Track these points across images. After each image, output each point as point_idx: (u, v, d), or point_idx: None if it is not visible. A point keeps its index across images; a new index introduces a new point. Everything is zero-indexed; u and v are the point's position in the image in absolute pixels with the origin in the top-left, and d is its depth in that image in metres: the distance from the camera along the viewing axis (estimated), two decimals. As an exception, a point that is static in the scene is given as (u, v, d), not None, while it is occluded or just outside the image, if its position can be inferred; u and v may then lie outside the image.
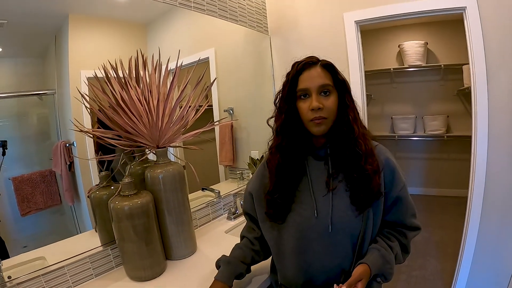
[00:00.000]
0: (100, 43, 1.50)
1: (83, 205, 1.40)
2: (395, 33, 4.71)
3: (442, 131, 4.56)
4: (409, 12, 2.17)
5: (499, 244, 2.18)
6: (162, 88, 1.40)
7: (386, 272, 1.02)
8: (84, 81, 1.34)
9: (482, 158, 2.12)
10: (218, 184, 2.29)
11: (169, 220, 1.42)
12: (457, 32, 4.19)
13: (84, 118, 1.37)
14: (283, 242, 1.10)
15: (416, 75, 4.75)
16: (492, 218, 2.16)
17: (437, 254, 3.17)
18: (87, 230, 1.43)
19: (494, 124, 2.05)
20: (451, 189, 4.76)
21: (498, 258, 2.20)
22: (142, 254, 1.27)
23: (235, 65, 2.43)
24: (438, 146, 4.85)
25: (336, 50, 2.38)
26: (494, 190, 2.13)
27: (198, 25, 2.03)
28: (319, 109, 0.97)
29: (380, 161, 1.02)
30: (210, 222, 1.98)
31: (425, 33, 4.55)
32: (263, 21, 2.60)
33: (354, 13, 2.32)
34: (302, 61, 1.04)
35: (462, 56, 4.10)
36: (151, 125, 1.34)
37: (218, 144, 2.32)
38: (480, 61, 2.02)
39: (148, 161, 1.54)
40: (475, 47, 2.02)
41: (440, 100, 4.68)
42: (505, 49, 1.96)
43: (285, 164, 1.08)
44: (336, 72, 1.02)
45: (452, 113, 4.62)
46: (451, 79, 4.51)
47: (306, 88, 1.00)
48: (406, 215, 1.08)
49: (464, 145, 4.34)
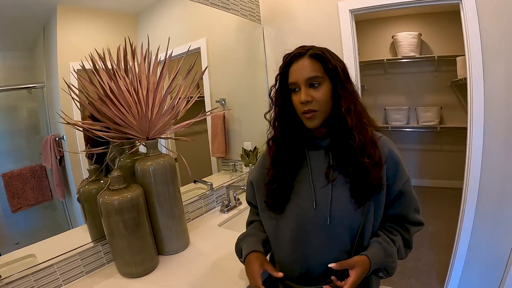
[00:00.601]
0: (90, 35, 1.45)
1: (75, 200, 1.36)
2: (389, 24, 4.68)
3: (435, 123, 4.56)
4: (405, 1, 2.14)
5: (494, 236, 2.19)
6: (151, 78, 1.35)
7: (388, 266, 1.00)
8: (73, 73, 1.29)
9: (478, 150, 2.12)
10: (210, 176, 2.26)
11: (160, 213, 1.38)
12: (451, 23, 4.23)
13: (73, 111, 1.32)
14: (280, 232, 1.09)
15: (409, 66, 4.74)
16: (487, 209, 2.17)
17: (432, 245, 3.18)
18: (79, 225, 1.39)
19: (490, 115, 2.05)
20: (445, 180, 4.79)
21: (493, 250, 2.22)
22: (133, 249, 1.24)
23: (227, 55, 2.39)
24: (431, 137, 4.86)
25: (330, 40, 2.34)
26: (489, 181, 2.13)
27: (189, 14, 1.99)
28: (308, 102, 0.96)
29: (383, 153, 0.99)
30: (203, 215, 1.95)
31: (418, 24, 4.53)
32: (255, 9, 2.54)
33: (348, 1, 2.27)
34: (291, 53, 1.02)
35: (455, 48, 4.13)
36: (141, 116, 1.29)
37: (210, 135, 2.28)
38: (476, 52, 2.00)
39: (138, 154, 1.49)
40: (471, 38, 2.00)
41: (434, 92, 4.68)
42: (502, 41, 1.95)
43: (280, 156, 1.08)
44: (327, 61, 0.97)
45: (445, 104, 4.62)
46: (445, 71, 4.50)
47: (294, 81, 0.99)
48: (409, 210, 1.06)
49: (457, 137, 4.44)
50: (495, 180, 2.12)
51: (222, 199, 2.05)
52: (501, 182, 2.11)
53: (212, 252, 1.45)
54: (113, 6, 1.57)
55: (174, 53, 1.43)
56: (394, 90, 4.93)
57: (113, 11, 1.57)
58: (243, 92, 2.56)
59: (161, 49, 1.39)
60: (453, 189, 4.50)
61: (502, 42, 1.94)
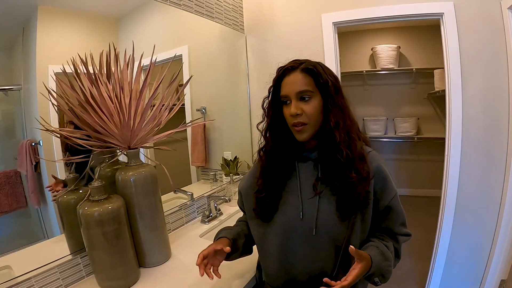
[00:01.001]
0: (70, 37, 1.40)
1: (50, 208, 1.30)
2: (368, 36, 4.80)
3: (413, 133, 4.70)
4: (388, 16, 2.22)
5: (472, 243, 2.26)
6: (134, 86, 1.32)
7: (384, 270, 1.00)
8: (52, 76, 1.24)
9: (456, 160, 2.19)
10: (190, 186, 2.22)
11: (141, 225, 1.34)
12: (429, 37, 4.40)
13: (51, 116, 1.27)
14: (267, 241, 1.10)
15: (388, 78, 4.87)
16: (465, 217, 2.24)
17: (410, 253, 3.22)
18: (54, 234, 1.32)
19: (468, 126, 2.13)
20: (422, 189, 4.91)
21: (471, 256, 2.29)
22: (114, 263, 1.19)
23: (208, 63, 2.37)
24: (409, 147, 4.98)
25: (313, 51, 2.38)
26: (467, 190, 2.21)
27: (171, 21, 1.96)
28: (297, 115, 0.98)
29: (372, 168, 1.01)
30: (184, 226, 1.91)
31: (397, 37, 4.67)
32: (239, 19, 2.55)
33: (332, 14, 2.33)
34: (284, 66, 1.04)
35: (433, 61, 4.32)
36: (123, 125, 1.25)
37: (190, 144, 2.25)
38: (456, 66, 2.09)
39: (119, 163, 1.45)
40: (451, 52, 2.09)
41: (411, 103, 4.83)
42: (480, 54, 2.04)
43: (270, 166, 1.10)
44: (319, 75, 0.99)
45: (422, 115, 4.78)
46: (422, 83, 4.67)
47: (286, 94, 1.01)
48: (396, 223, 1.08)
49: (434, 147, 4.58)
50: (473, 188, 2.19)
51: (203, 210, 2.02)
52: (478, 190, 2.19)
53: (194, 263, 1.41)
54: (95, 10, 1.53)
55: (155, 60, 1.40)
56: (372, 101, 5.03)
57: (95, 15, 1.53)
58: (224, 101, 2.55)
59: (143, 56, 1.37)
60: (430, 197, 4.65)
61: (480, 55, 2.03)
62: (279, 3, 2.48)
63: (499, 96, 2.06)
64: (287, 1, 2.46)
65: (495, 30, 2.00)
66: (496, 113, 2.09)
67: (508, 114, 2.06)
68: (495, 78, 2.05)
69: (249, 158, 2.69)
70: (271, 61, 2.49)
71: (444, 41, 2.13)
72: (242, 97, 2.66)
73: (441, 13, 2.09)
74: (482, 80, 2.07)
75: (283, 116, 1.04)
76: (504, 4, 1.95)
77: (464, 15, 2.05)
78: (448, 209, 2.25)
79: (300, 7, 2.42)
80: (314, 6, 2.37)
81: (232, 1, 2.46)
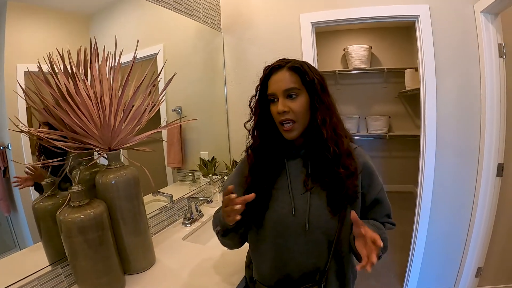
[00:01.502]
0: (40, 35, 1.30)
1: (21, 216, 1.20)
2: (341, 36, 4.88)
3: (384, 131, 4.82)
4: (366, 17, 2.29)
5: (448, 233, 2.37)
6: (114, 84, 1.25)
7: (382, 237, 0.97)
8: (21, 75, 1.15)
9: (431, 155, 2.28)
10: (166, 188, 2.14)
11: (125, 230, 1.27)
12: (400, 38, 4.57)
13: (19, 115, 1.16)
14: (259, 239, 1.11)
15: (360, 78, 4.97)
16: (441, 210, 2.35)
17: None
18: (27, 242, 1.22)
19: (442, 124, 2.23)
20: (395, 184, 5.05)
21: (449, 247, 2.40)
22: (98, 271, 1.12)
23: (184, 62, 2.30)
24: (381, 145, 5.11)
25: (291, 50, 2.39)
26: (442, 184, 2.31)
27: (146, 19, 1.89)
28: (284, 112, 1.00)
29: (359, 164, 1.04)
30: (165, 229, 1.85)
31: (369, 37, 4.78)
32: (216, 17, 2.50)
33: (310, 14, 2.35)
34: (270, 65, 1.05)
35: (404, 61, 4.49)
36: (103, 125, 1.18)
37: (166, 145, 2.18)
38: (430, 66, 2.18)
39: (97, 166, 1.37)
40: (425, 53, 2.18)
41: (382, 102, 4.96)
42: (453, 55, 2.14)
43: (259, 164, 1.10)
44: (305, 73, 1.00)
45: (394, 113, 4.92)
46: (393, 82, 4.81)
47: (273, 92, 1.02)
48: (383, 215, 1.13)
49: (405, 144, 4.78)
50: (448, 182, 2.30)
51: (183, 212, 1.97)
52: (452, 184, 2.30)
53: (181, 268, 1.37)
54: (66, 7, 1.44)
55: (127, 59, 1.34)
56: (345, 100, 5.11)
57: (66, 12, 1.44)
58: (201, 100, 2.49)
59: (116, 54, 1.30)
60: (402, 192, 4.82)
61: (454, 56, 2.14)
62: (257, 3, 2.46)
63: (472, 95, 2.17)
64: (265, 1, 2.44)
65: (468, 32, 2.11)
66: (468, 111, 2.20)
67: (480, 111, 2.17)
68: (468, 78, 2.16)
69: (226, 158, 2.65)
70: (249, 60, 2.48)
71: (419, 42, 2.21)
72: (218, 97, 2.61)
73: (416, 15, 2.17)
74: (456, 80, 2.17)
75: (271, 115, 1.05)
76: (477, 7, 2.05)
77: (439, 18, 2.14)
78: (425, 202, 2.34)
79: (278, 7, 2.42)
80: (292, 6, 2.38)
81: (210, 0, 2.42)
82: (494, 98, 2.10)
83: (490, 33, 2.04)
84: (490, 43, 2.05)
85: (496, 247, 2.36)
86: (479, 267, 2.34)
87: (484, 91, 2.11)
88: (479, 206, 2.22)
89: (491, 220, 2.26)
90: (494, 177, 2.20)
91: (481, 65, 2.11)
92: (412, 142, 4.80)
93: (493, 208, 2.24)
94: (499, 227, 2.32)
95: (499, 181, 2.22)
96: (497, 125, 2.12)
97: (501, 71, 2.08)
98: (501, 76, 2.08)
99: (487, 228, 2.27)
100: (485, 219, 2.24)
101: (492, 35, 2.04)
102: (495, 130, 2.13)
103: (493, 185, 2.21)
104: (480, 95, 2.14)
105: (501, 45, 2.06)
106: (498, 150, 2.15)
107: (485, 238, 2.29)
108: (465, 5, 2.09)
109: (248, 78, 2.47)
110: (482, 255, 2.32)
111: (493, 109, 2.11)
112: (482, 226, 2.25)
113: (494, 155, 2.16)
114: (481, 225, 2.24)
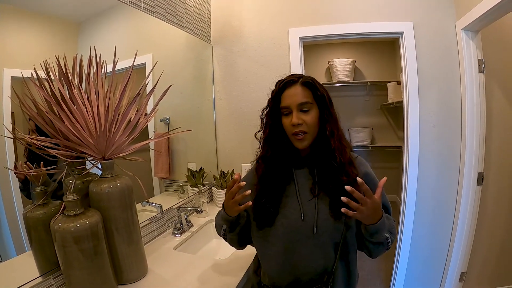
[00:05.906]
0: (28, 40, 1.27)
1: (3, 224, 1.15)
2: (325, 50, 4.98)
3: (367, 142, 4.92)
4: (352, 33, 2.37)
5: (432, 241, 2.44)
6: (109, 93, 1.25)
7: (391, 225, 1.09)
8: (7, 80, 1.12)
9: (414, 166, 2.35)
10: (153, 198, 2.12)
11: (118, 240, 1.26)
12: (383, 52, 4.70)
13: (4, 120, 1.11)
14: (269, 244, 1.14)
15: (343, 90, 5.07)
16: (424, 218, 2.42)
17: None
18: (8, 253, 1.15)
19: (424, 135, 2.32)
20: (377, 195, 5.06)
21: (433, 253, 2.46)
22: (93, 282, 1.11)
23: (173, 73, 2.29)
24: (364, 156, 5.00)
25: (279, 64, 2.43)
26: (425, 194, 2.39)
27: (135, 29, 1.89)
28: (299, 125, 1.06)
29: (360, 172, 1.11)
30: (156, 239, 1.84)
31: (353, 51, 4.90)
32: (206, 29, 2.53)
33: (299, 29, 2.41)
34: (284, 79, 1.13)
35: (386, 74, 4.62)
36: (98, 134, 1.18)
37: (153, 155, 2.16)
38: (413, 80, 2.27)
39: (90, 175, 1.36)
40: (409, 67, 2.27)
41: (365, 114, 5.08)
42: (435, 70, 2.25)
43: (269, 173, 1.16)
44: (316, 88, 1.08)
45: (376, 125, 5.04)
46: (376, 95, 4.94)
47: (287, 106, 1.09)
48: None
49: (387, 155, 4.91)
50: (430, 191, 2.38)
51: (173, 222, 1.96)
52: (435, 193, 2.37)
53: (174, 277, 1.37)
54: (55, 12, 1.42)
55: (117, 67, 1.33)
56: (328, 112, 5.14)
57: (55, 18, 1.41)
58: (189, 111, 2.48)
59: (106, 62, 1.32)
60: None
61: (436, 71, 2.25)
62: (247, 16, 2.51)
63: (453, 107, 2.27)
64: (255, 15, 2.49)
65: (450, 48, 2.22)
66: (450, 122, 2.29)
67: (460, 123, 2.27)
68: (450, 91, 2.26)
69: (214, 169, 2.65)
70: (238, 72, 2.50)
71: (403, 58, 2.30)
72: (207, 108, 2.62)
73: (401, 31, 2.27)
74: (438, 93, 2.28)
75: (281, 126, 1.12)
76: (458, 25, 2.16)
77: (423, 34, 2.25)
78: (408, 211, 2.40)
79: (267, 21, 2.47)
80: (281, 21, 2.44)
81: (201, 12, 2.44)
82: (474, 110, 2.19)
83: (471, 49, 2.15)
84: (471, 59, 2.15)
85: (478, 253, 2.44)
86: (462, 272, 2.40)
87: (464, 104, 2.20)
88: (461, 213, 2.29)
89: (472, 227, 2.33)
90: (475, 186, 2.27)
91: (462, 79, 2.20)
92: (394, 153, 4.94)
93: (474, 215, 2.32)
94: (480, 233, 2.40)
95: (479, 189, 2.30)
96: (477, 136, 2.21)
97: (481, 85, 2.19)
98: (480, 90, 2.19)
99: (469, 235, 2.34)
100: (467, 226, 2.31)
101: (472, 51, 2.15)
102: (475, 141, 2.21)
103: (474, 193, 2.28)
104: (461, 107, 2.24)
105: (481, 60, 2.16)
106: (478, 160, 2.24)
107: (468, 244, 2.35)
108: (447, 22, 2.20)
109: (236, 90, 2.50)
110: (465, 261, 2.39)
111: (473, 121, 2.20)
112: (464, 233, 2.31)
113: (474, 165, 2.24)
114: (463, 232, 2.31)
